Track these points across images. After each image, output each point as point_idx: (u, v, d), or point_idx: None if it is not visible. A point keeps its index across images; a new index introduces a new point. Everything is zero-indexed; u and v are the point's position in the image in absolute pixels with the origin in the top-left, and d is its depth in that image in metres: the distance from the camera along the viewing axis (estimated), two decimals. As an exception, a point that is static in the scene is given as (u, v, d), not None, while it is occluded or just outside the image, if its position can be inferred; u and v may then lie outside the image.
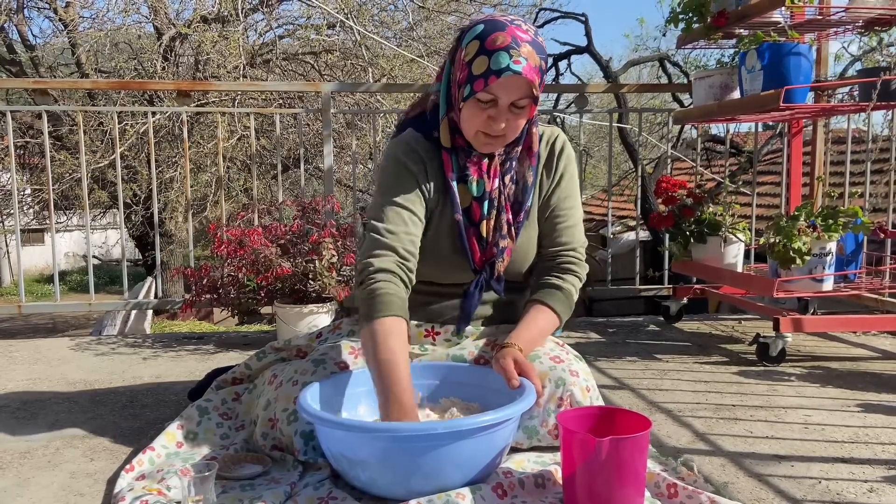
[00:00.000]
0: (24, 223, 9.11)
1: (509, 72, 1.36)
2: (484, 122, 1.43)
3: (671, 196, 2.77)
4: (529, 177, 1.54)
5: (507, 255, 1.54)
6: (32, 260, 18.23)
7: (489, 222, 1.52)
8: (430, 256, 1.52)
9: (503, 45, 1.37)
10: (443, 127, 1.51)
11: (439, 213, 1.54)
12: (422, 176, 1.52)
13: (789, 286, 2.31)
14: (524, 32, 1.40)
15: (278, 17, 8.86)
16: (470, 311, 1.56)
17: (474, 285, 1.55)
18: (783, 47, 2.29)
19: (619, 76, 7.55)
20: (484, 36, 1.40)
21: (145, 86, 6.21)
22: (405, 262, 1.45)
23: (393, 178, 1.51)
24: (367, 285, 1.41)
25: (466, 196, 1.52)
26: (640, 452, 1.22)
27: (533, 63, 1.38)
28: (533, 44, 1.40)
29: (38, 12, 9.19)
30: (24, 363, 2.45)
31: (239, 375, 1.77)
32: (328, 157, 3.23)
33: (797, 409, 1.87)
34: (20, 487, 1.42)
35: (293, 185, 8.39)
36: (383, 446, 1.22)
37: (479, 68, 1.39)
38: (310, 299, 2.45)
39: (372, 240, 1.46)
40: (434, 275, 1.55)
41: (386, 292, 1.39)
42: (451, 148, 1.51)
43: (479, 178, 1.51)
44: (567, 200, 1.58)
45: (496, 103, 1.41)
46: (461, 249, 1.53)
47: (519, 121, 1.44)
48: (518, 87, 1.39)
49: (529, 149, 1.54)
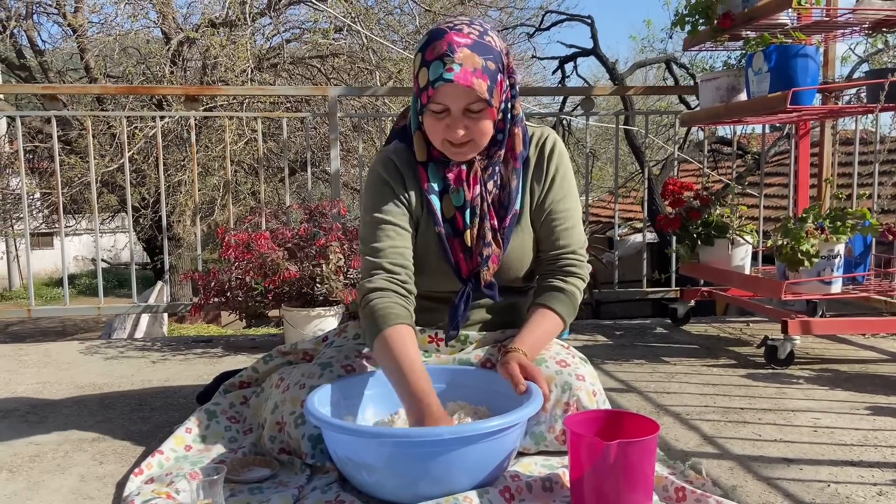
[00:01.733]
0: (34, 227, 9.16)
1: (441, 81, 1.36)
2: (444, 130, 1.42)
3: (678, 198, 2.77)
4: (514, 180, 1.52)
5: (492, 263, 1.51)
6: (42, 263, 18.34)
7: (472, 231, 1.50)
8: (421, 268, 1.52)
9: (439, 54, 1.37)
10: (416, 140, 1.50)
11: (425, 224, 1.53)
12: (399, 187, 1.51)
13: (797, 288, 2.30)
14: (464, 37, 1.38)
15: (285, 21, 8.91)
16: (457, 321, 1.55)
17: (459, 297, 1.53)
18: (790, 49, 2.28)
19: (626, 78, 7.54)
20: (424, 47, 1.40)
21: (154, 90, 6.25)
22: (396, 276, 1.46)
23: (373, 193, 1.53)
24: (364, 307, 1.44)
25: (451, 206, 1.51)
26: (649, 456, 1.22)
27: (471, 67, 1.36)
28: (475, 46, 1.38)
29: (48, 18, 9.25)
30: (33, 367, 2.46)
31: (246, 379, 1.78)
32: (335, 160, 3.24)
33: (806, 411, 1.86)
34: (30, 491, 1.43)
35: (300, 189, 8.41)
36: (390, 452, 1.22)
37: (422, 80, 1.39)
38: (317, 303, 2.46)
39: (363, 262, 1.50)
40: (427, 285, 1.54)
41: (383, 307, 1.41)
42: (430, 160, 1.51)
43: (459, 186, 1.49)
44: (563, 202, 1.56)
45: (449, 112, 1.40)
46: (447, 261, 1.52)
47: (481, 124, 1.42)
48: (460, 94, 1.37)
49: (513, 150, 1.51)
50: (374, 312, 1.41)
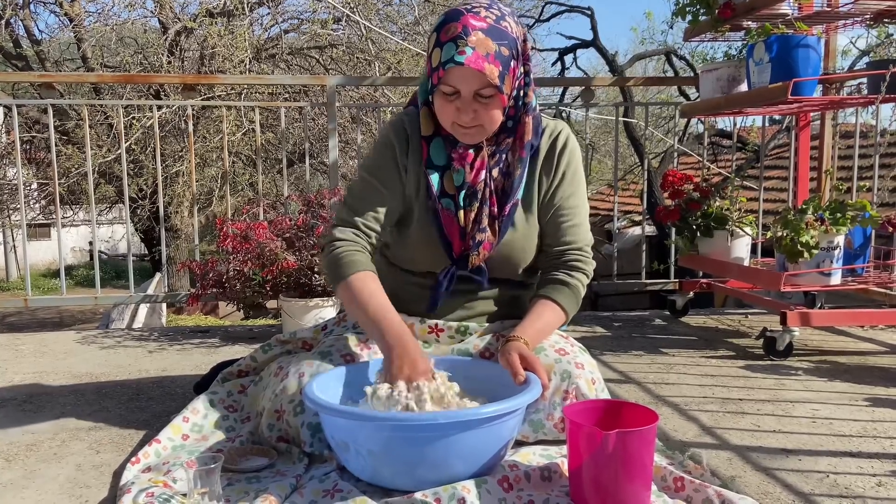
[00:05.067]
0: (31, 218, 9.15)
1: (452, 63, 1.35)
2: (453, 112, 1.42)
3: (678, 190, 2.76)
4: (519, 169, 1.51)
5: (484, 249, 1.50)
6: (39, 255, 18.32)
7: (468, 213, 1.50)
8: (412, 242, 1.53)
9: (453, 36, 1.36)
10: (422, 115, 1.51)
11: (423, 196, 1.53)
12: (402, 156, 1.53)
13: (797, 280, 2.30)
14: (480, 20, 1.37)
15: (283, 11, 8.87)
16: (437, 298, 1.54)
17: (443, 273, 1.53)
18: (791, 39, 2.27)
19: (625, 70, 7.52)
20: (440, 27, 1.40)
21: (151, 79, 6.23)
22: (364, 237, 1.50)
23: (377, 155, 1.55)
24: (328, 252, 1.49)
25: (452, 184, 1.51)
26: (647, 446, 1.21)
27: (483, 51, 1.35)
28: (490, 30, 1.37)
29: (44, 7, 9.21)
30: (30, 356, 2.46)
31: (245, 368, 1.77)
32: (333, 150, 3.23)
33: (804, 403, 1.86)
34: (27, 479, 1.42)
35: (298, 180, 8.40)
36: (387, 435, 1.21)
37: (435, 60, 1.40)
38: (315, 293, 2.45)
39: (339, 211, 1.54)
40: (415, 260, 1.55)
41: (347, 253, 1.46)
42: (436, 135, 1.51)
43: (461, 167, 1.49)
44: (571, 199, 1.55)
45: (459, 94, 1.40)
46: (438, 237, 1.52)
47: (491, 111, 1.41)
48: (470, 78, 1.37)
49: (521, 139, 1.51)
50: (339, 259, 1.46)
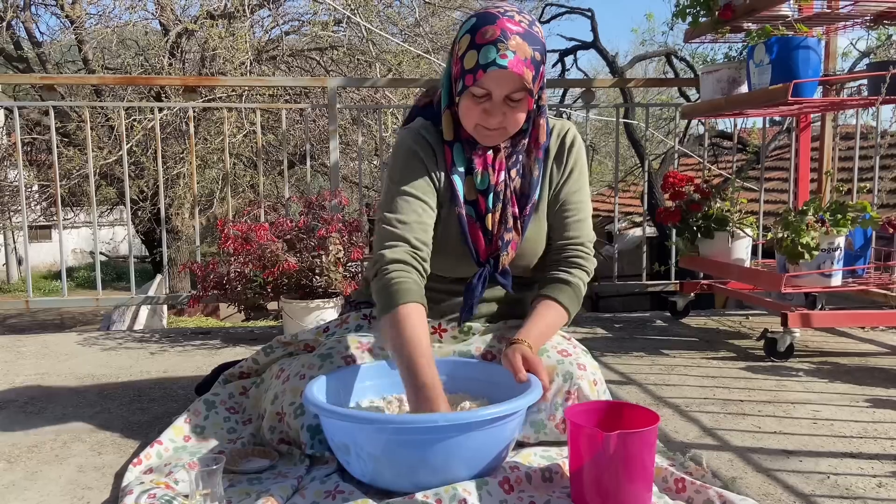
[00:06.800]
0: (32, 220, 9.15)
1: (495, 66, 1.36)
2: (480, 115, 1.43)
3: (678, 191, 2.76)
4: (536, 170, 1.53)
5: (511, 249, 1.53)
6: (40, 256, 18.33)
7: (494, 215, 1.52)
8: (438, 248, 1.52)
9: (492, 39, 1.37)
10: (445, 120, 1.51)
11: (447, 204, 1.53)
12: (431, 164, 1.51)
13: (797, 281, 2.30)
14: (515, 24, 1.39)
15: (284, 13, 8.87)
16: (472, 303, 1.55)
17: (477, 277, 1.54)
18: (792, 41, 2.27)
19: (626, 72, 7.52)
20: (474, 30, 1.40)
21: (152, 81, 6.23)
22: (418, 252, 1.44)
23: (403, 167, 1.51)
24: (381, 277, 1.40)
25: (473, 189, 1.52)
26: (648, 447, 1.21)
27: (522, 56, 1.37)
28: (525, 35, 1.39)
29: (45, 9, 9.21)
30: (31, 358, 2.46)
31: (246, 370, 1.77)
32: (334, 152, 3.23)
33: (805, 404, 1.86)
34: (28, 481, 1.43)
35: (299, 182, 8.40)
36: (387, 438, 1.21)
37: (469, 63, 1.39)
38: (316, 294, 2.45)
39: (384, 231, 1.45)
40: (442, 267, 1.54)
41: (401, 281, 1.38)
42: (457, 140, 1.51)
43: (484, 170, 1.50)
44: (577, 194, 1.58)
45: (490, 97, 1.41)
46: (465, 242, 1.52)
47: (517, 114, 1.43)
48: (508, 81, 1.38)
49: (536, 141, 1.53)
50: (391, 285, 1.37)
